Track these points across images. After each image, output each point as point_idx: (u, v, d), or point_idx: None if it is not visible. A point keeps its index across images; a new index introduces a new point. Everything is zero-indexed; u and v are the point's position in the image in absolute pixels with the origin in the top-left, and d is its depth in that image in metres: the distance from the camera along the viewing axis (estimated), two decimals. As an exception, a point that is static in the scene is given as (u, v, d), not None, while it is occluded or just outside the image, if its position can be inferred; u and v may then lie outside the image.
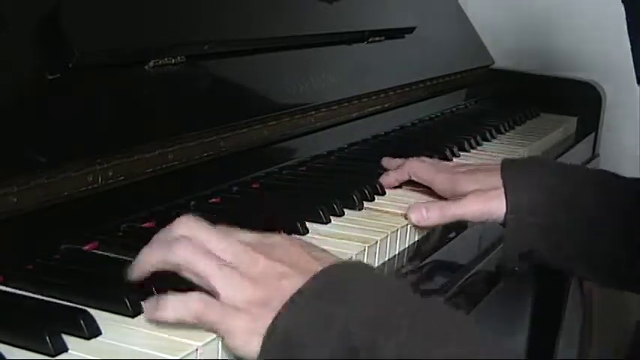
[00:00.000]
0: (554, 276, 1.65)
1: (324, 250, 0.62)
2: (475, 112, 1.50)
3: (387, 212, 0.84)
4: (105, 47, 0.73)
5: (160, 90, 0.79)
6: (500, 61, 1.58)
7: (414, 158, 0.94)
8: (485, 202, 0.84)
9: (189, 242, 0.56)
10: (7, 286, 0.60)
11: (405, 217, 0.83)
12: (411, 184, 0.94)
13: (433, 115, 1.38)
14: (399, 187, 0.93)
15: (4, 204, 0.60)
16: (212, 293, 0.55)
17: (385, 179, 0.93)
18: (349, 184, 0.89)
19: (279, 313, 0.53)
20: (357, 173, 0.97)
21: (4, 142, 0.61)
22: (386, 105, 1.20)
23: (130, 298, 0.56)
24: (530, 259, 0.84)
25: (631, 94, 1.59)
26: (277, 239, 0.60)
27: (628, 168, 0.94)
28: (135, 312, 0.56)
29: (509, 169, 0.86)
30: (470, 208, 0.84)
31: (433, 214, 0.83)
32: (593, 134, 1.50)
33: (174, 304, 0.54)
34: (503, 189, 0.84)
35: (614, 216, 0.83)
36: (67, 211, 0.65)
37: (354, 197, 0.85)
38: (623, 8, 0.88)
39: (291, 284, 0.55)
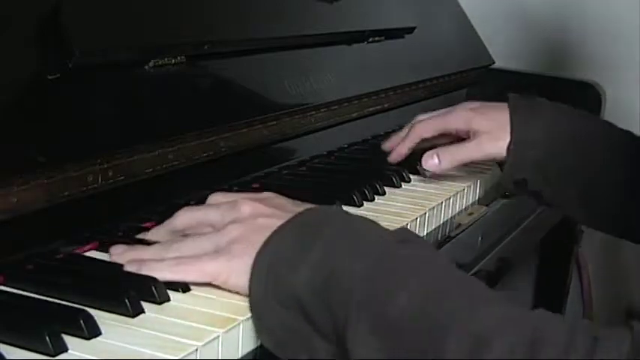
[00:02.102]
0: (554, 275, 1.65)
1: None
2: (475, 112, 1.49)
3: (387, 212, 0.84)
4: (105, 47, 0.73)
5: (160, 90, 0.79)
6: (500, 61, 1.58)
7: (417, 123, 0.97)
8: (495, 142, 0.89)
9: (188, 211, 0.67)
10: (7, 286, 0.60)
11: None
12: (411, 183, 0.94)
13: (433, 115, 1.38)
14: (399, 186, 0.93)
15: (4, 204, 0.60)
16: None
17: (398, 152, 0.97)
18: (349, 184, 0.89)
19: (261, 248, 0.58)
20: (357, 173, 0.97)
21: (4, 142, 0.61)
22: (386, 105, 1.20)
23: (130, 298, 0.56)
24: (524, 187, 0.89)
25: (631, 94, 1.59)
26: (268, 194, 0.67)
27: (628, 168, 0.94)
28: (135, 312, 0.56)
29: (516, 106, 0.91)
30: (480, 149, 0.90)
31: (445, 160, 0.91)
32: (593, 134, 1.50)
33: (147, 269, 0.60)
34: (510, 126, 0.89)
35: (616, 163, 0.88)
36: (67, 211, 0.65)
37: (354, 197, 0.85)
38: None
39: (272, 222, 0.60)
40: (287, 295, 0.56)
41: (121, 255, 0.64)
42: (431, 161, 0.90)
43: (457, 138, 0.94)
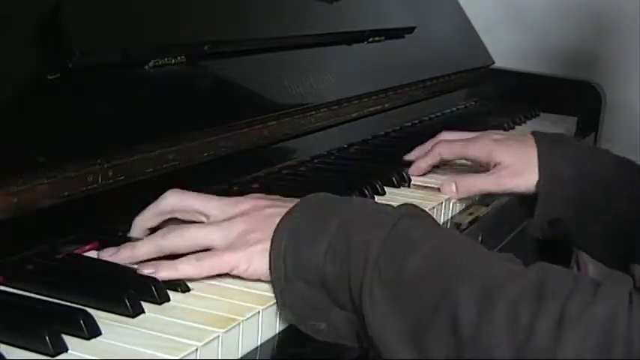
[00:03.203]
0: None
1: None
2: (475, 112, 1.49)
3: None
4: (104, 47, 0.73)
5: (160, 90, 0.79)
6: (500, 61, 1.58)
7: (440, 142, 0.97)
8: (516, 176, 0.89)
9: (176, 229, 0.64)
10: (7, 286, 0.60)
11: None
12: (411, 183, 0.94)
13: (433, 115, 1.38)
14: (399, 186, 0.93)
15: (4, 204, 0.60)
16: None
17: (417, 166, 0.97)
18: (349, 184, 0.89)
19: (275, 231, 0.60)
20: (357, 173, 0.97)
21: (4, 142, 0.61)
22: (386, 105, 1.20)
23: (129, 298, 0.56)
24: (557, 228, 0.88)
25: (631, 94, 1.60)
26: (255, 194, 0.69)
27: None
28: (135, 312, 0.56)
29: (543, 141, 0.90)
30: (500, 183, 0.90)
31: (462, 189, 0.91)
32: (593, 134, 1.50)
33: (165, 268, 0.61)
34: (536, 160, 0.88)
35: (636, 202, 0.86)
36: (67, 211, 0.65)
37: (354, 197, 0.85)
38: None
39: (278, 210, 0.62)
40: (306, 270, 0.59)
41: (115, 255, 0.64)
42: (449, 188, 0.91)
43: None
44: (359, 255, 0.57)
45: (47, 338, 0.50)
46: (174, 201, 0.66)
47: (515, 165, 0.89)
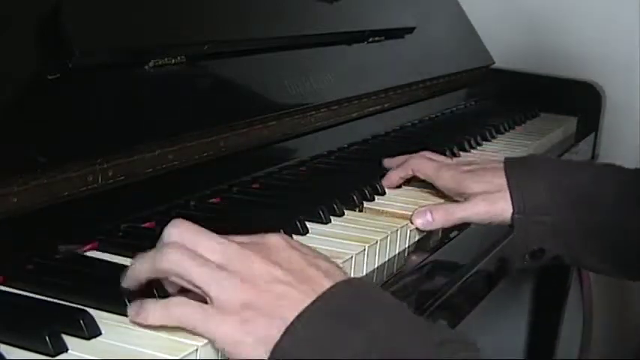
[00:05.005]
0: (554, 276, 1.65)
1: (319, 255, 0.58)
2: (475, 112, 1.49)
3: (387, 212, 0.84)
4: (105, 47, 0.73)
5: (160, 90, 0.79)
6: (501, 61, 1.58)
7: (417, 155, 0.94)
8: (491, 205, 0.85)
9: (176, 247, 0.54)
10: (7, 286, 0.60)
11: (409, 219, 0.82)
12: (411, 183, 0.94)
13: (433, 115, 1.38)
14: (399, 186, 0.93)
15: (4, 204, 0.60)
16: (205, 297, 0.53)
17: (388, 178, 0.93)
18: (349, 184, 0.89)
19: (282, 337, 0.51)
20: (357, 173, 0.97)
21: (4, 142, 0.61)
22: (386, 105, 1.20)
23: (130, 298, 0.56)
24: (542, 256, 0.85)
25: (631, 94, 1.60)
26: (273, 239, 0.56)
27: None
28: (135, 312, 0.56)
29: (512, 169, 0.87)
30: (476, 211, 0.85)
31: (438, 218, 0.83)
32: (593, 134, 1.50)
33: (154, 309, 0.53)
34: (508, 190, 0.84)
35: (625, 208, 0.84)
36: (67, 211, 0.65)
37: (354, 197, 0.85)
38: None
39: (289, 292, 0.52)
40: None
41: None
42: (423, 218, 0.82)
43: None
44: None
45: (47, 338, 0.50)
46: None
47: (488, 194, 0.85)
